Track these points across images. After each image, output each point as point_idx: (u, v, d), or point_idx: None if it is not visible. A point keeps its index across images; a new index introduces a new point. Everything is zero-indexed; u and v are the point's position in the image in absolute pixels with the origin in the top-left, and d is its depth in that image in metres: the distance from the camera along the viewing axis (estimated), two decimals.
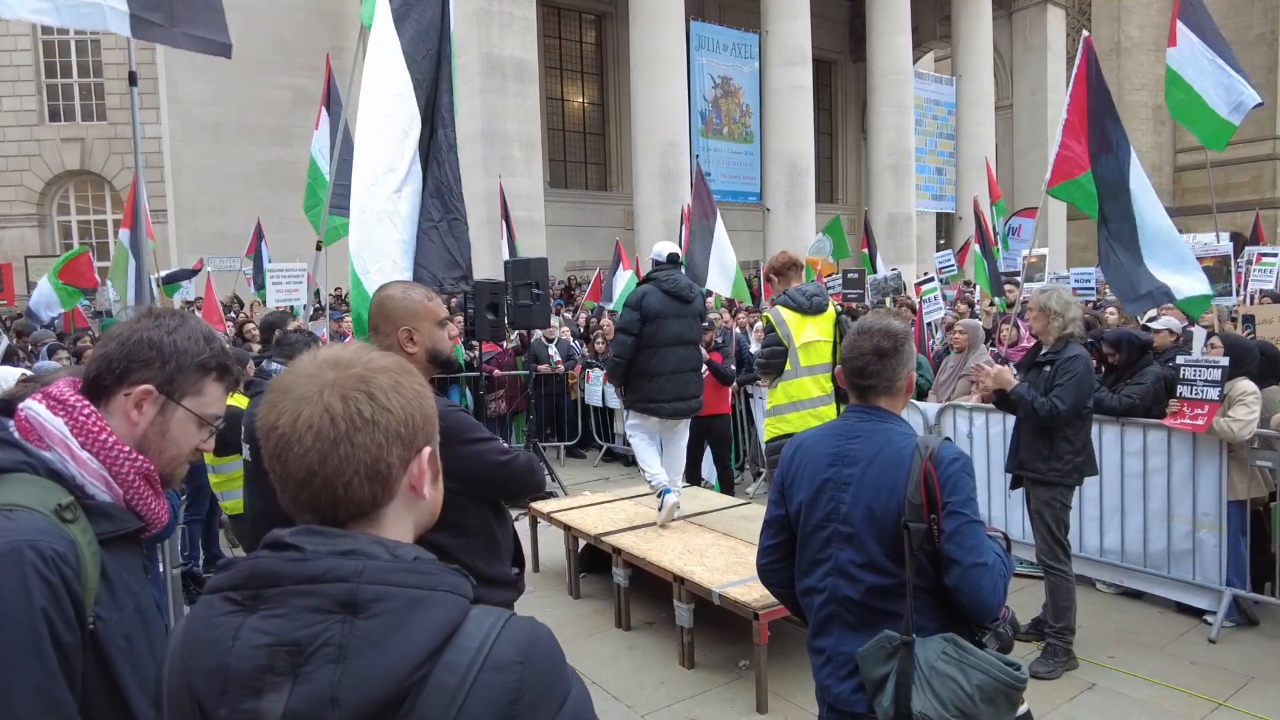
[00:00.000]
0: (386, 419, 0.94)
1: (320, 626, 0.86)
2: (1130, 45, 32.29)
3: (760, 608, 3.71)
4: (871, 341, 2.02)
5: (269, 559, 0.90)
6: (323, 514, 0.93)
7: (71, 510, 1.17)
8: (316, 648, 0.85)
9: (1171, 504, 4.75)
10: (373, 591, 0.87)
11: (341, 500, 0.92)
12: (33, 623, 1.05)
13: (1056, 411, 3.93)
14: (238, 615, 0.88)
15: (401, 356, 2.07)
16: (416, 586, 0.89)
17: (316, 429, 0.91)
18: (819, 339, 4.51)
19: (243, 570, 0.90)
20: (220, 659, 0.87)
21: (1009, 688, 1.81)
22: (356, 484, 0.92)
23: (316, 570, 0.88)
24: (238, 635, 0.87)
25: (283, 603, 0.87)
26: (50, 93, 20.78)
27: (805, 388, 4.48)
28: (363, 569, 0.88)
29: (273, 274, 10.56)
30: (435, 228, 3.70)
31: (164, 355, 1.30)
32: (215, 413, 1.38)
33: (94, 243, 21.04)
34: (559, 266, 18.86)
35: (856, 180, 27.29)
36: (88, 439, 1.23)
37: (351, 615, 0.86)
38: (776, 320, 4.58)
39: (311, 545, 0.90)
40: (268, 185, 16.91)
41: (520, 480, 2.20)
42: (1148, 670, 4.07)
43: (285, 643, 0.85)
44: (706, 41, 18.90)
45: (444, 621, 0.89)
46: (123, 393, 1.28)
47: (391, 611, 0.87)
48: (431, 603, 0.89)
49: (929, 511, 1.86)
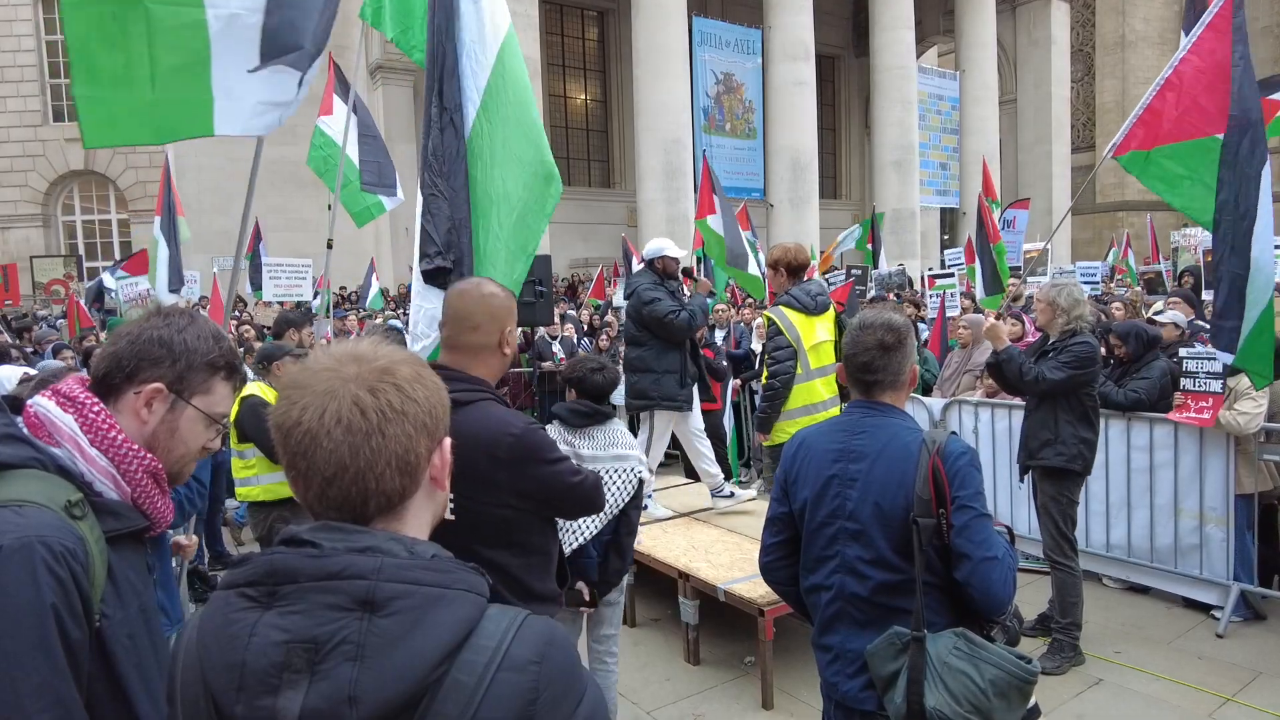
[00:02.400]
0: (415, 410, 0.94)
1: (338, 624, 0.85)
2: (1135, 39, 32.12)
3: (766, 604, 3.71)
4: (876, 336, 2.01)
5: (286, 555, 0.89)
6: (353, 508, 0.93)
7: (80, 507, 1.17)
8: (334, 645, 0.84)
9: (1178, 499, 4.74)
10: (391, 589, 0.86)
11: (373, 493, 0.92)
12: (41, 619, 1.05)
13: (1042, 378, 3.89)
14: (254, 611, 0.88)
15: (496, 356, 2.03)
16: (435, 584, 0.89)
17: (346, 423, 0.90)
18: (825, 339, 4.42)
19: (260, 566, 0.90)
20: (236, 655, 0.86)
21: (1022, 682, 1.80)
22: (388, 476, 0.92)
23: (335, 567, 0.87)
24: (254, 631, 0.87)
25: (300, 599, 0.87)
26: (54, 93, 20.82)
27: (816, 391, 4.36)
28: (381, 566, 0.87)
29: (270, 268, 10.52)
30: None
31: (174, 354, 1.30)
32: (223, 411, 1.38)
33: (98, 243, 21.12)
34: (563, 264, 18.87)
35: (860, 176, 27.24)
36: (97, 436, 1.23)
37: (370, 613, 0.85)
38: (784, 324, 4.35)
39: (329, 542, 0.89)
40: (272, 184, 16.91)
41: (587, 501, 2.14)
42: (1155, 665, 4.06)
43: (302, 640, 0.85)
44: (709, 37, 18.87)
45: (462, 620, 0.89)
46: (132, 391, 1.28)
47: (410, 609, 0.86)
48: (450, 601, 0.89)
49: (937, 506, 1.85)
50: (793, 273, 4.50)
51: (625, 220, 19.77)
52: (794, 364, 4.34)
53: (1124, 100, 32.31)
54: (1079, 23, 32.50)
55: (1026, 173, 25.45)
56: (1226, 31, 3.77)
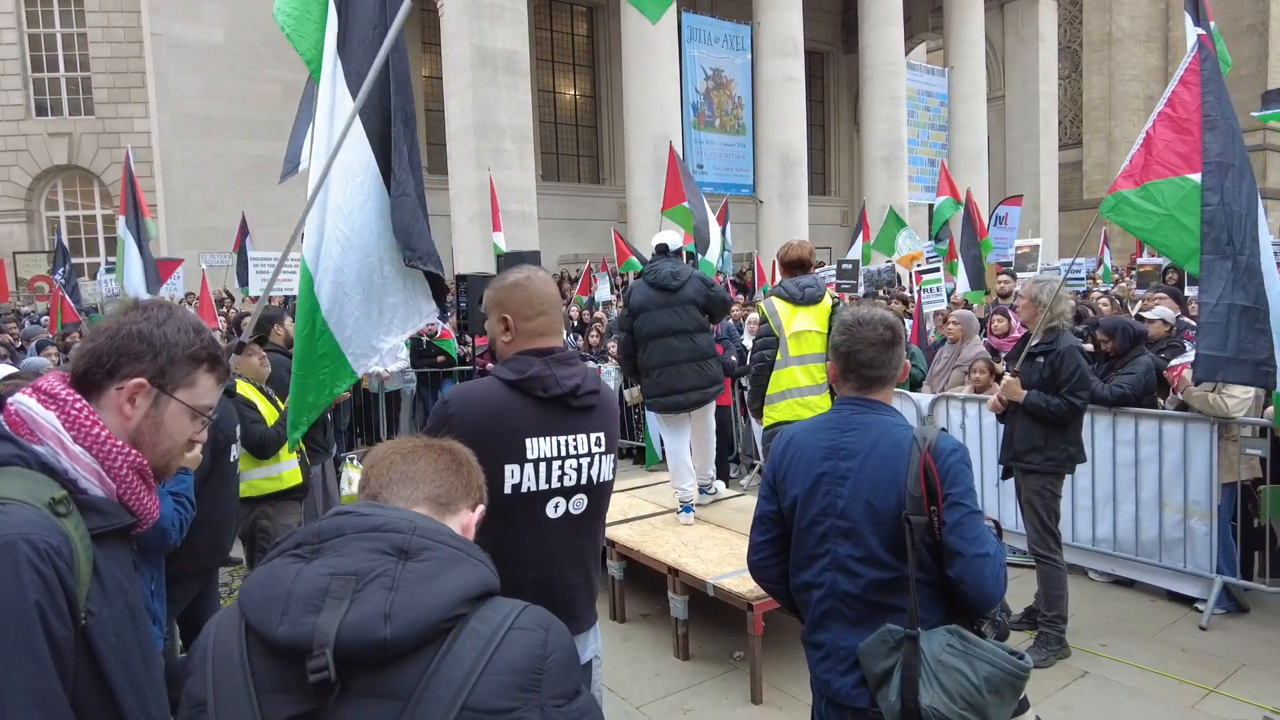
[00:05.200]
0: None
1: (377, 562, 0.99)
2: (1122, 36, 32.31)
3: (755, 599, 3.72)
4: (876, 333, 2.01)
5: (333, 519, 1.04)
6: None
7: (65, 504, 1.16)
8: (373, 578, 0.97)
9: (1163, 493, 4.78)
10: (423, 543, 1.02)
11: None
12: (25, 616, 1.04)
13: (1075, 409, 4.02)
14: (299, 563, 1.01)
15: (520, 341, 2.01)
16: (457, 548, 1.05)
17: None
18: (810, 329, 4.48)
19: (307, 532, 1.04)
20: (282, 588, 0.98)
21: (1015, 678, 1.80)
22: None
23: (377, 521, 1.03)
24: (299, 575, 0.99)
25: (344, 547, 1.01)
26: (37, 87, 20.56)
27: (794, 377, 4.47)
28: (416, 524, 1.04)
29: (256, 262, 10.34)
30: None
31: (155, 348, 1.29)
32: (208, 404, 1.37)
33: (83, 238, 20.91)
34: (552, 260, 18.82)
35: (849, 172, 27.30)
36: (80, 433, 1.21)
37: (404, 559, 1.00)
38: (769, 311, 4.60)
39: (369, 509, 1.06)
40: (260, 180, 16.78)
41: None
42: (1140, 658, 4.10)
43: (345, 572, 0.98)
44: (698, 33, 18.84)
45: (480, 579, 1.03)
46: (114, 387, 1.27)
47: (439, 560, 1.01)
48: (472, 563, 1.05)
49: (929, 504, 1.85)
50: (786, 267, 4.74)
51: (615, 216, 19.73)
52: (773, 351, 4.53)
53: (1110, 97, 32.52)
54: (1066, 20, 32.66)
55: (1014, 169, 25.56)
56: (1196, 84, 3.90)
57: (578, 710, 1.01)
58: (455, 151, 15.34)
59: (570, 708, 0.99)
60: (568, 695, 0.99)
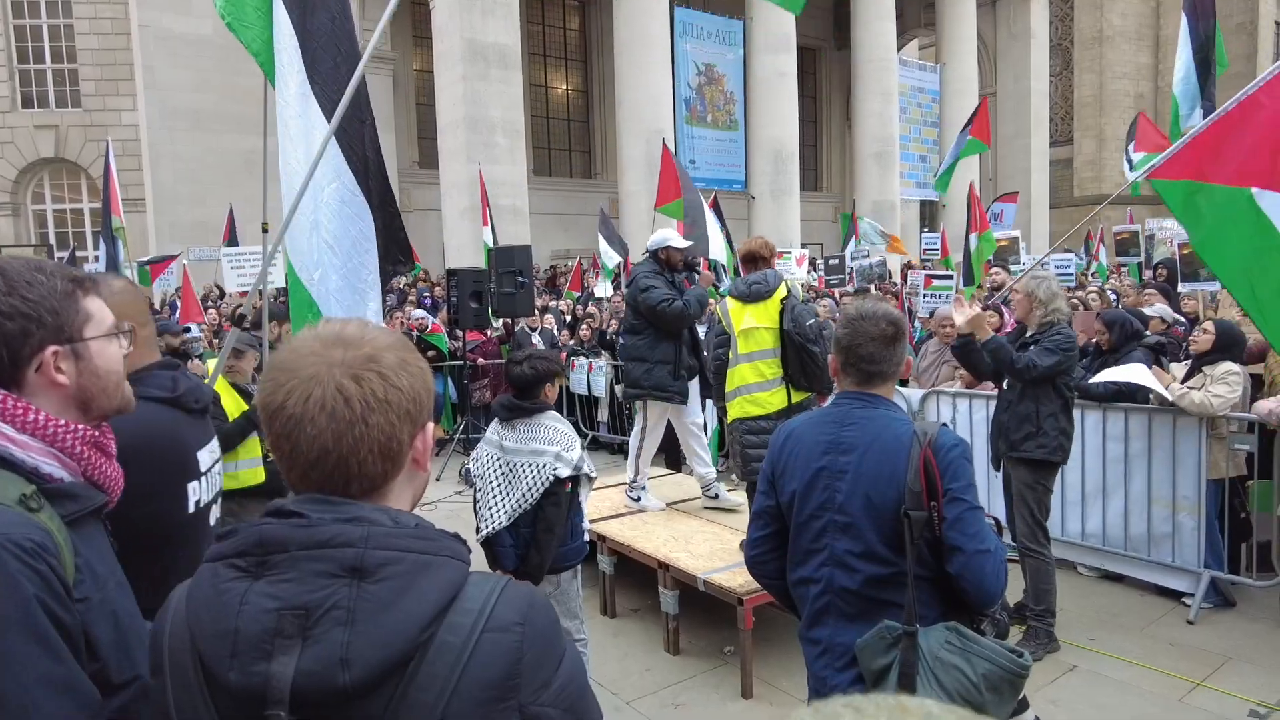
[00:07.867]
0: (398, 398, 0.95)
1: (328, 590, 0.87)
2: (1113, 34, 32.44)
3: (745, 593, 3.73)
4: (879, 328, 2.00)
5: (275, 526, 0.91)
6: (336, 489, 0.95)
7: (35, 499, 1.13)
8: (325, 611, 0.87)
9: (1152, 488, 4.81)
10: (379, 556, 0.89)
11: (355, 476, 0.94)
12: (28, 611, 1.03)
13: (1033, 365, 3.91)
14: (244, 580, 0.90)
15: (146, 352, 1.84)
16: (421, 551, 0.92)
17: (330, 410, 0.91)
18: (758, 326, 4.42)
19: (249, 537, 0.91)
20: (229, 623, 0.88)
21: (1014, 675, 1.80)
22: (370, 461, 0.94)
23: (323, 536, 0.89)
24: (245, 600, 0.88)
25: (290, 568, 0.89)
26: (23, 79, 20.36)
27: (743, 375, 4.45)
28: (368, 534, 0.90)
29: (230, 258, 10.14)
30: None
31: (32, 315, 1.20)
32: (114, 320, 1.32)
33: (70, 232, 20.75)
34: (544, 255, 18.79)
35: (841, 168, 27.33)
36: (18, 423, 1.18)
37: (359, 579, 0.88)
38: (722, 311, 4.64)
39: (316, 513, 0.92)
40: (250, 174, 16.66)
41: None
42: (1128, 652, 4.13)
43: (294, 607, 0.87)
44: (691, 28, 18.83)
45: (448, 584, 0.92)
46: (30, 370, 1.21)
47: (398, 575, 0.89)
48: (436, 566, 0.92)
49: (929, 499, 1.84)
50: (744, 262, 4.71)
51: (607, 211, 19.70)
52: (726, 350, 4.57)
53: (1101, 94, 32.65)
54: (1058, 17, 32.76)
55: (1005, 165, 25.66)
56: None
57: (559, 684, 0.94)
58: (446, 146, 15.27)
59: (552, 689, 0.93)
60: (546, 682, 0.92)
